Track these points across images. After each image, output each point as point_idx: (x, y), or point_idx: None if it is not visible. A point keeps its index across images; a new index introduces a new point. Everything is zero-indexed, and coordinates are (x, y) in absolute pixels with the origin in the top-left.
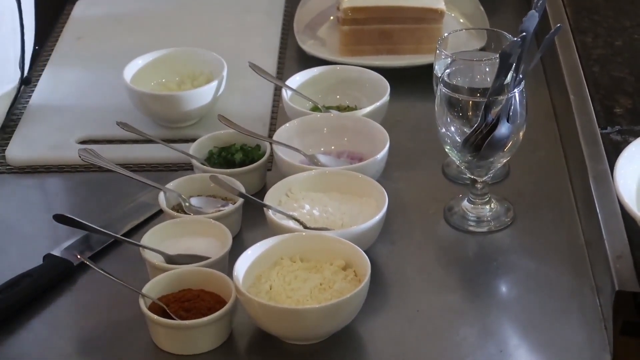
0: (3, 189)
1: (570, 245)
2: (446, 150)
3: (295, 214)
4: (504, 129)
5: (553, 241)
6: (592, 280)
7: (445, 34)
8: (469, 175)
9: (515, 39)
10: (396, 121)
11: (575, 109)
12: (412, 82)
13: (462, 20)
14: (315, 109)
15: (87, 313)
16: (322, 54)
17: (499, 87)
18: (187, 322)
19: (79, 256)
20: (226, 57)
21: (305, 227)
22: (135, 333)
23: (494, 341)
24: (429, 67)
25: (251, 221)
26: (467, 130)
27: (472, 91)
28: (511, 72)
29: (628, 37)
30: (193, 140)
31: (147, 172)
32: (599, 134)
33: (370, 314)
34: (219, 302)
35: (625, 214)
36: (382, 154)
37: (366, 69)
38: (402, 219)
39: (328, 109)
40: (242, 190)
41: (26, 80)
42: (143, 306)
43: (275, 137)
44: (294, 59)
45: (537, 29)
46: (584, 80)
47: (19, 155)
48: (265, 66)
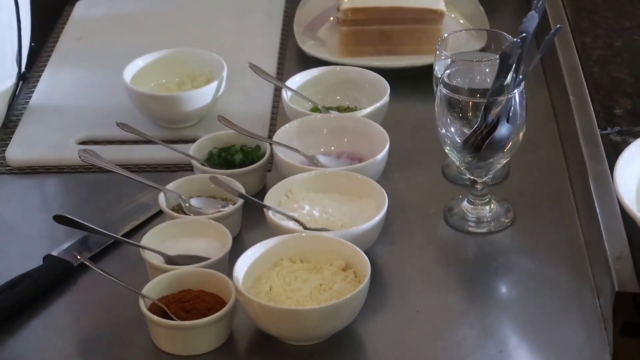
0: (3, 190)
1: (570, 246)
2: (446, 151)
3: (295, 215)
4: (503, 129)
5: (553, 242)
6: (592, 281)
7: (445, 35)
8: (468, 176)
9: (515, 39)
10: (396, 122)
11: (575, 109)
12: (412, 82)
13: (462, 21)
14: (315, 109)
15: (87, 314)
16: (322, 54)
17: (499, 88)
18: (187, 322)
19: (79, 257)
20: (226, 58)
21: (305, 227)
22: (135, 334)
23: (493, 341)
24: (429, 67)
25: (251, 222)
26: (467, 131)
27: (472, 92)
28: (511, 72)
29: (628, 37)
30: (193, 141)
31: (147, 173)
32: (598, 134)
33: (370, 314)
34: (218, 302)
35: (625, 214)
36: (382, 154)
37: (366, 70)
38: (402, 219)
39: (328, 109)
40: (242, 191)
41: (23, 76)
42: (143, 307)
43: (275, 138)
44: (294, 59)
45: (537, 30)
46: (584, 81)
47: (18, 156)
48: (265, 67)
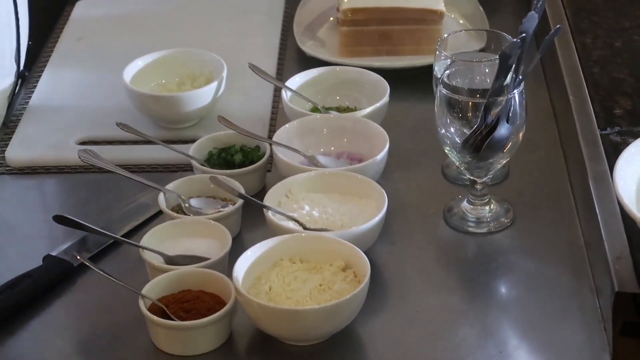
0: (2, 190)
1: (569, 246)
2: (446, 151)
3: (294, 215)
4: (503, 130)
5: (553, 242)
6: (592, 281)
7: (445, 35)
8: (468, 176)
9: (514, 40)
10: (396, 122)
11: (574, 110)
12: (411, 83)
13: (461, 21)
14: (315, 109)
15: (86, 314)
16: (322, 55)
17: (499, 88)
18: (186, 322)
19: (79, 257)
20: (226, 58)
21: (305, 228)
22: (135, 334)
23: (493, 342)
24: (429, 68)
25: (251, 222)
26: (467, 131)
27: (472, 92)
28: (511, 73)
29: (628, 38)
30: (193, 141)
31: (147, 173)
32: (598, 135)
33: (370, 314)
34: (218, 303)
35: (625, 214)
36: (382, 155)
37: (366, 70)
38: (402, 219)
39: (328, 109)
40: (242, 191)
41: (22, 75)
42: (143, 307)
43: (274, 138)
44: (294, 59)
45: (537, 30)
46: (584, 81)
47: (18, 156)
48: (265, 67)
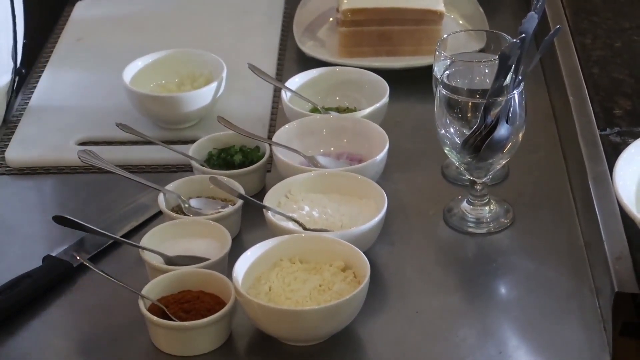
0: (2, 190)
1: (569, 247)
2: (445, 151)
3: (294, 215)
4: (503, 130)
5: (552, 242)
6: (592, 282)
7: (445, 36)
8: (468, 176)
9: (514, 40)
10: (396, 122)
11: (574, 110)
12: (411, 83)
13: (461, 22)
14: (314, 110)
15: (86, 314)
16: (322, 55)
17: (498, 89)
18: (186, 323)
19: (79, 257)
20: (225, 59)
21: (305, 228)
22: (135, 334)
23: (493, 342)
24: (429, 68)
25: (250, 222)
26: (467, 132)
27: (472, 92)
28: (510, 73)
29: (627, 38)
30: (192, 141)
31: (147, 174)
32: (598, 135)
33: (369, 315)
34: (218, 303)
35: (625, 215)
36: (382, 155)
37: (366, 71)
38: (402, 220)
39: (327, 110)
40: (242, 191)
41: (19, 72)
42: (142, 307)
43: (274, 139)
44: (294, 60)
45: (537, 31)
46: (584, 81)
47: (18, 157)
48: (265, 67)
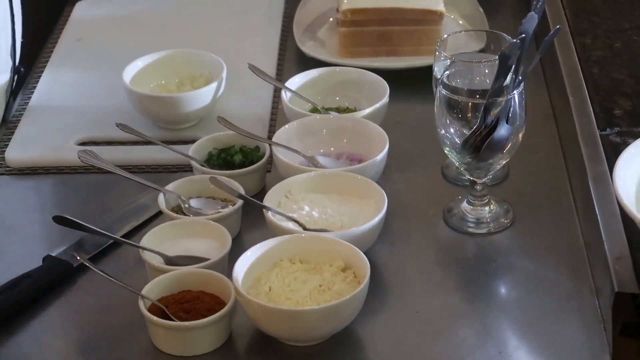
0: (2, 191)
1: (569, 247)
2: (445, 151)
3: (294, 216)
4: (503, 130)
5: (552, 242)
6: (592, 282)
7: (445, 36)
8: (468, 176)
9: (514, 40)
10: (395, 123)
11: (574, 110)
12: (411, 83)
13: (461, 22)
14: (314, 110)
15: (86, 314)
16: (322, 55)
17: (498, 89)
18: (186, 323)
19: (79, 257)
20: (225, 59)
21: (305, 228)
22: (135, 334)
23: (493, 342)
24: (429, 68)
25: (250, 222)
26: (467, 132)
27: (472, 93)
28: (510, 73)
29: (627, 38)
30: (192, 141)
31: (147, 174)
32: (598, 135)
33: (369, 315)
34: (218, 303)
35: (625, 215)
36: (382, 155)
37: (365, 71)
38: (402, 220)
39: (327, 110)
40: (242, 191)
41: (17, 70)
42: (142, 307)
43: (274, 139)
44: (294, 60)
45: (537, 31)
46: (583, 81)
47: (18, 157)
48: (265, 68)
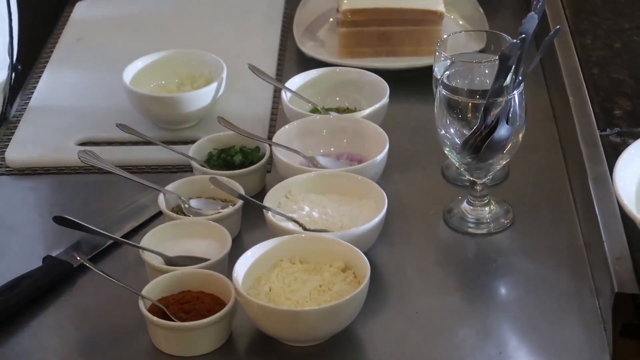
0: (2, 191)
1: (569, 247)
2: (445, 152)
3: (294, 216)
4: (503, 130)
5: (552, 243)
6: (592, 282)
7: (445, 36)
8: (468, 177)
9: (514, 40)
10: (395, 123)
11: (574, 110)
12: (411, 84)
13: (461, 22)
14: (314, 110)
15: (86, 315)
16: (322, 55)
17: (499, 89)
18: (186, 323)
19: (79, 258)
20: (225, 59)
21: (305, 228)
22: (135, 335)
23: (493, 342)
24: (429, 69)
25: (251, 223)
26: (467, 132)
27: (472, 93)
28: (510, 74)
29: (627, 39)
30: (192, 142)
31: (147, 174)
32: (598, 135)
33: (369, 315)
34: (218, 303)
35: (625, 215)
36: (382, 155)
37: (366, 71)
38: (402, 220)
39: (327, 110)
40: (242, 192)
41: (15, 68)
42: (142, 308)
43: (274, 139)
44: (294, 60)
45: (537, 31)
46: (583, 82)
47: (18, 157)
48: (265, 68)
